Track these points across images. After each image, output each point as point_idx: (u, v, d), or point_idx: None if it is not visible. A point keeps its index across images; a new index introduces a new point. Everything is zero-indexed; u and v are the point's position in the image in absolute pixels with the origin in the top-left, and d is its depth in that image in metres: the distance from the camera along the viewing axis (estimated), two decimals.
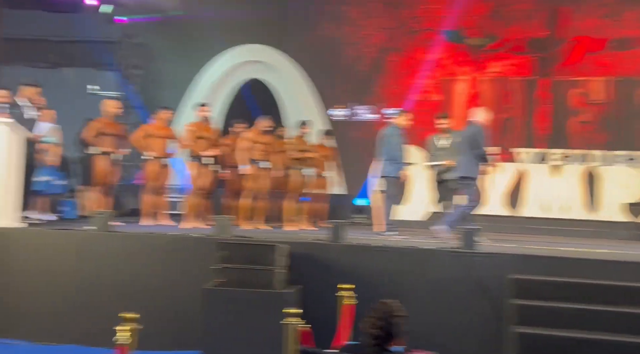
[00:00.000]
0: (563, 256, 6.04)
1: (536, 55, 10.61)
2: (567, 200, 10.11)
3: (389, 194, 7.48)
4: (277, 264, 5.57)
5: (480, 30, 10.75)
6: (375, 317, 2.80)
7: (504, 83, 10.75)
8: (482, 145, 7.16)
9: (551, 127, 10.48)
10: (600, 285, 5.41)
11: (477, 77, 10.81)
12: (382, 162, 7.53)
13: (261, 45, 11.55)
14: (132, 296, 6.00)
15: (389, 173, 7.49)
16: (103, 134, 7.76)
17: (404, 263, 5.96)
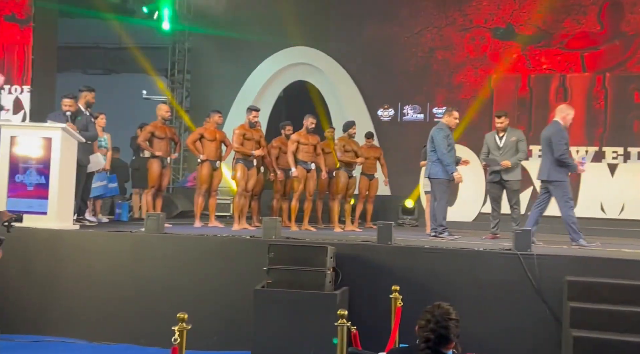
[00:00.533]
0: (621, 257, 5.82)
1: (590, 50, 10.28)
2: (624, 199, 9.75)
3: (440, 195, 7.25)
4: (327, 265, 5.58)
5: (532, 26, 10.48)
6: (429, 320, 2.75)
7: (557, 79, 10.45)
8: (560, 147, 6.64)
9: (608, 124, 10.12)
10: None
11: (529, 73, 10.54)
12: (431, 163, 7.31)
13: (307, 47, 11.58)
14: (184, 297, 6.11)
15: (437, 174, 7.26)
16: (156, 138, 7.93)
17: (454, 264, 5.87)
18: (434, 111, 10.89)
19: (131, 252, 6.45)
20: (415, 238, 7.01)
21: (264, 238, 6.32)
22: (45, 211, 6.44)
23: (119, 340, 6.20)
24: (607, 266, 5.56)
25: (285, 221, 8.53)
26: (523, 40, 10.52)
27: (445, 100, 10.77)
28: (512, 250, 5.76)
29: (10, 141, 6.58)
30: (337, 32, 11.51)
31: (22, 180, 6.54)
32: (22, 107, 9.21)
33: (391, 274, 5.84)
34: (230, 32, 11.78)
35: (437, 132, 7.30)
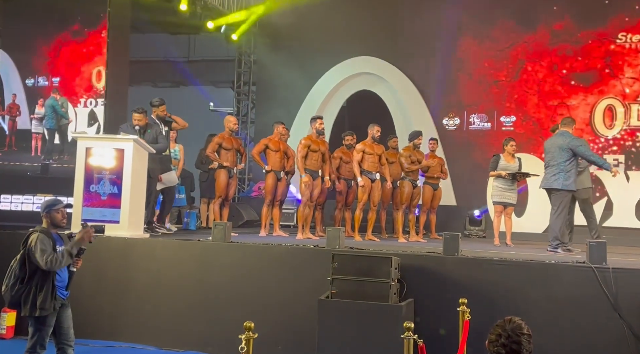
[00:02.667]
0: None
1: None
2: None
3: (561, 208, 6.73)
4: (392, 276, 5.51)
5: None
6: (499, 334, 2.65)
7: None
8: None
9: None
10: None
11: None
12: (553, 175, 6.78)
13: (371, 57, 11.56)
14: (250, 305, 6.18)
15: (558, 186, 6.70)
16: (223, 149, 8.10)
17: (524, 277, 5.67)
18: (501, 120, 10.61)
19: (199, 260, 6.58)
20: (482, 250, 6.83)
21: (327, 248, 6.32)
22: (118, 220, 6.66)
23: (187, 347, 6.33)
24: None
25: (349, 231, 8.51)
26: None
27: (511, 108, 10.49)
28: (586, 263, 5.52)
29: (86, 152, 6.87)
30: (402, 41, 11.42)
31: (96, 189, 6.81)
32: (96, 119, 9.63)
33: (458, 286, 5.70)
34: (295, 43, 11.91)
35: (573, 141, 6.73)
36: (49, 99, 9.43)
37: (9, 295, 4.52)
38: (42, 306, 4.46)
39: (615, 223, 9.55)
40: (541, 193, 8.80)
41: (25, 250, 4.50)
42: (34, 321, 4.54)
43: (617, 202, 9.65)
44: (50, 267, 4.42)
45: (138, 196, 6.96)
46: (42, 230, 4.58)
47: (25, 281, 4.48)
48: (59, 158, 9.43)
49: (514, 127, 10.50)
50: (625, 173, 9.70)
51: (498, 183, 8.05)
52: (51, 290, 4.50)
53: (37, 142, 9.64)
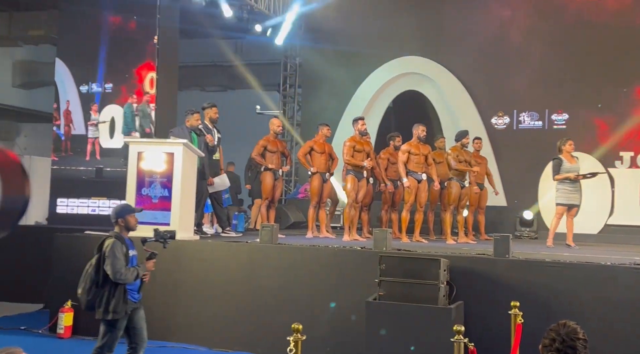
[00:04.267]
0: None
1: None
2: None
3: None
4: (441, 279, 5.44)
5: None
6: (554, 339, 2.58)
7: None
8: None
9: None
10: None
11: None
12: None
13: (417, 57, 11.45)
14: (297, 306, 6.21)
15: None
16: (268, 151, 8.17)
17: (579, 280, 5.51)
18: (552, 118, 10.34)
19: (247, 262, 6.66)
20: (534, 252, 6.67)
21: (374, 249, 6.29)
22: (169, 223, 6.80)
23: (237, 348, 6.40)
24: None
25: (396, 232, 8.45)
26: None
27: (564, 106, 10.20)
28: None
29: (137, 156, 7.04)
30: (449, 39, 11.27)
31: (147, 193, 6.97)
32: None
33: (509, 289, 5.58)
34: (340, 44, 11.91)
35: None
36: (125, 106, 9.69)
37: (85, 298, 4.68)
38: (115, 309, 4.62)
39: None
40: (595, 192, 8.58)
41: (100, 255, 4.64)
42: (106, 323, 4.69)
43: None
44: (116, 280, 4.58)
45: (188, 199, 7.09)
46: (116, 235, 4.72)
47: (100, 285, 4.63)
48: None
49: (566, 126, 10.20)
50: None
51: (563, 185, 7.78)
52: (123, 294, 4.65)
53: (93, 146, 9.93)
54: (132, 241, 4.85)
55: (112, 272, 4.55)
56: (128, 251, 4.72)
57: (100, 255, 4.65)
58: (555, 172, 7.83)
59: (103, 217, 9.25)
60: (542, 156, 10.11)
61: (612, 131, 9.84)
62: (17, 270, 8.91)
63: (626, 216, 9.47)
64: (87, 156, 9.90)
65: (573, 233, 7.81)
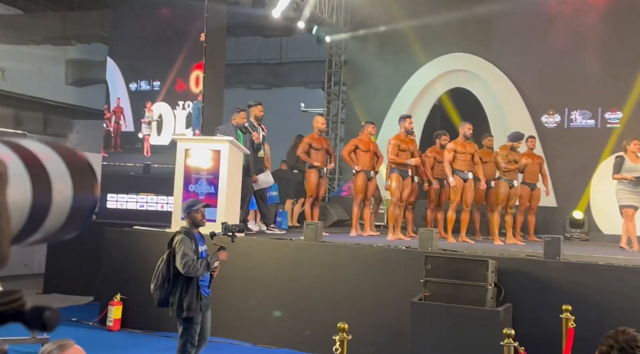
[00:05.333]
0: None
1: None
2: None
3: None
4: (488, 280, 5.33)
5: None
6: (611, 346, 2.48)
7: None
8: None
9: None
10: None
11: None
12: None
13: (465, 54, 11.25)
14: (341, 304, 6.19)
15: None
16: (313, 149, 8.17)
17: (634, 284, 5.32)
18: (606, 116, 10.00)
19: (292, 259, 6.68)
20: (586, 254, 6.47)
21: (420, 249, 6.22)
22: (215, 219, 6.87)
23: (281, 345, 6.43)
24: None
25: (441, 232, 8.32)
26: None
27: (619, 104, 9.85)
28: None
29: (185, 153, 7.14)
30: (498, 37, 11.04)
31: (194, 189, 7.06)
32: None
33: (560, 292, 5.43)
34: (386, 41, 11.82)
35: None
36: (195, 103, 9.86)
37: (157, 294, 4.72)
38: (189, 307, 4.63)
39: None
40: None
41: (170, 251, 4.70)
42: (182, 320, 4.71)
43: None
44: (187, 273, 4.58)
45: (233, 195, 7.16)
46: (185, 231, 4.77)
47: (171, 282, 4.66)
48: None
49: (620, 124, 9.86)
50: None
51: (624, 186, 7.53)
52: (196, 290, 4.67)
53: (147, 143, 10.12)
54: (202, 236, 4.88)
55: (182, 264, 4.53)
56: (198, 246, 4.73)
57: (170, 251, 4.68)
58: (616, 171, 7.59)
59: (151, 212, 9.44)
60: (594, 155, 9.84)
61: None
62: (69, 264, 9.18)
63: None
64: (146, 152, 10.06)
65: (628, 235, 7.56)
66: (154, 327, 7.04)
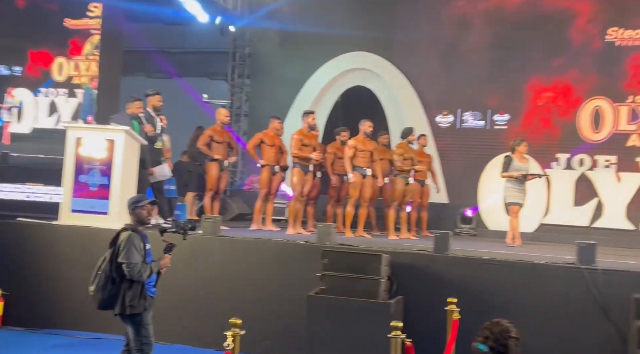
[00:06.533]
0: None
1: None
2: None
3: None
4: (381, 274, 5.50)
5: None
6: (487, 337, 2.64)
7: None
8: None
9: None
10: None
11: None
12: None
13: (366, 53, 11.51)
14: (238, 299, 6.17)
15: None
16: (214, 142, 8.05)
17: (514, 277, 5.70)
18: (494, 118, 10.60)
19: (188, 254, 6.54)
20: (473, 249, 6.83)
21: (318, 243, 6.31)
22: (107, 212, 6.62)
23: (175, 341, 6.31)
24: None
25: (340, 227, 8.50)
26: None
27: (506, 108, 10.47)
28: (575, 264, 5.53)
29: (76, 142, 6.81)
30: (399, 37, 11.37)
31: (85, 180, 6.76)
32: (56, 110, 9.52)
33: (448, 285, 5.71)
34: (290, 36, 11.83)
35: None
36: (86, 90, 9.31)
37: (99, 296, 4.42)
38: (132, 303, 4.38)
39: (605, 224, 9.59)
40: (532, 192, 8.84)
41: (114, 249, 4.42)
42: (131, 322, 4.47)
43: (608, 203, 9.68)
44: (131, 277, 4.35)
45: (128, 187, 6.91)
46: (132, 228, 4.51)
47: (117, 282, 4.39)
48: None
49: (507, 126, 10.49)
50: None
51: (511, 185, 8.03)
52: (141, 289, 4.44)
53: (5, 130, 9.51)
54: (146, 235, 4.64)
55: (127, 268, 4.31)
56: (145, 243, 4.51)
57: (114, 249, 4.41)
58: (504, 170, 8.08)
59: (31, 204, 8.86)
60: (483, 155, 10.42)
61: (550, 133, 10.18)
62: None
63: (560, 216, 9.84)
64: (5, 139, 9.43)
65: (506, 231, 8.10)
66: (40, 324, 6.68)
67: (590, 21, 10.10)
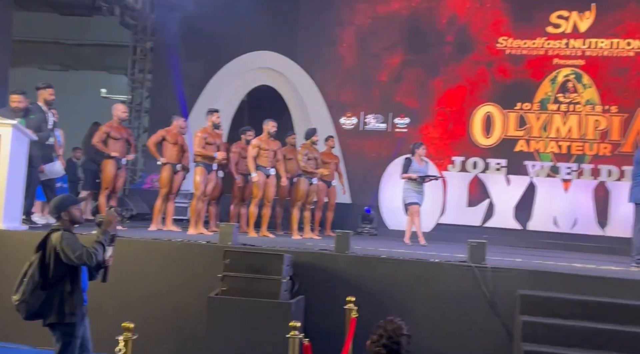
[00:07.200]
0: (573, 272, 5.93)
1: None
2: (577, 214, 9.97)
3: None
4: (282, 274, 5.51)
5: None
6: (381, 335, 2.73)
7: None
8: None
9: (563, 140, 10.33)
10: (609, 304, 5.30)
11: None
12: (638, 187, 6.85)
13: (273, 53, 11.50)
14: (136, 303, 5.97)
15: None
16: (111, 138, 7.74)
17: (410, 275, 5.89)
18: (395, 121, 10.94)
19: None
20: (373, 248, 7.01)
21: (220, 243, 6.23)
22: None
23: None
24: (559, 280, 5.66)
25: (244, 227, 8.44)
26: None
27: (409, 111, 10.83)
28: (467, 262, 5.81)
29: None
30: (305, 39, 11.45)
31: None
32: None
33: (348, 284, 5.82)
34: (195, 33, 11.60)
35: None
36: None
37: (25, 305, 4.00)
38: (73, 311, 4.01)
39: (496, 224, 10.15)
40: (429, 193, 9.20)
41: (47, 253, 3.99)
42: (61, 334, 4.05)
43: (498, 204, 10.26)
44: (87, 261, 3.95)
45: (16, 185, 6.50)
46: (64, 228, 4.11)
47: (49, 287, 3.98)
48: None
49: (407, 129, 10.85)
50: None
51: (410, 186, 8.31)
52: (80, 292, 4.07)
53: None
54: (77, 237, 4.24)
55: (76, 256, 3.90)
56: None
57: (43, 253, 3.99)
58: (404, 171, 8.38)
59: None
60: (385, 156, 10.74)
61: (446, 137, 10.65)
62: None
63: (455, 216, 10.31)
64: None
65: (411, 231, 8.38)
66: None
67: (482, 29, 10.66)
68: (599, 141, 10.14)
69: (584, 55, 10.28)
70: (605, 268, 6.52)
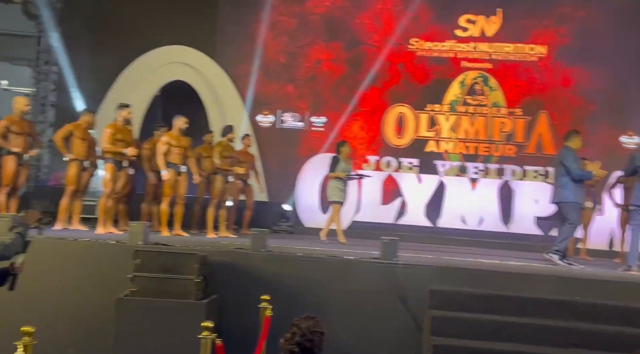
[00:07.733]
0: (480, 268, 6.19)
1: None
2: (483, 212, 10.41)
3: (573, 219, 6.90)
4: (195, 273, 5.41)
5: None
6: (294, 333, 2.72)
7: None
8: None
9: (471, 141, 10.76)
10: (513, 297, 5.58)
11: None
12: (561, 187, 6.95)
13: (188, 48, 11.26)
14: (40, 306, 5.67)
15: (567, 198, 6.86)
16: (12, 133, 7.31)
17: (326, 273, 5.95)
18: (312, 120, 11.00)
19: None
20: (290, 246, 7.01)
21: (130, 243, 6.03)
22: None
23: None
24: (466, 276, 5.89)
25: (156, 226, 8.21)
26: None
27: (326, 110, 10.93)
28: (379, 259, 5.93)
29: None
30: (221, 35, 11.29)
31: None
32: None
33: (264, 282, 5.79)
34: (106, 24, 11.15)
35: (565, 153, 7.02)
36: None
37: None
38: None
39: (408, 221, 10.44)
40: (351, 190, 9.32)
41: None
42: None
43: (410, 202, 10.55)
44: (3, 254, 3.57)
45: None
46: None
47: None
48: None
49: (324, 128, 10.93)
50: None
51: (337, 184, 8.43)
52: None
53: None
54: None
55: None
56: None
57: None
58: (331, 170, 8.55)
59: None
60: (302, 154, 10.79)
61: (361, 136, 10.84)
62: None
63: (369, 214, 10.51)
64: None
65: (329, 228, 8.48)
66: None
67: (395, 31, 10.90)
68: (504, 142, 10.66)
69: (490, 59, 10.77)
70: (508, 263, 6.85)
